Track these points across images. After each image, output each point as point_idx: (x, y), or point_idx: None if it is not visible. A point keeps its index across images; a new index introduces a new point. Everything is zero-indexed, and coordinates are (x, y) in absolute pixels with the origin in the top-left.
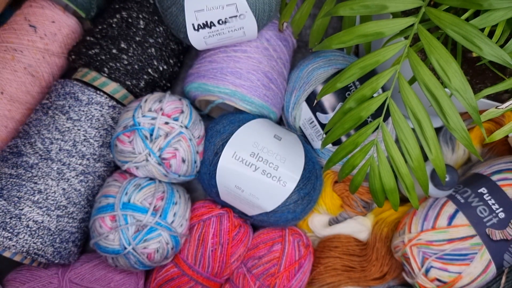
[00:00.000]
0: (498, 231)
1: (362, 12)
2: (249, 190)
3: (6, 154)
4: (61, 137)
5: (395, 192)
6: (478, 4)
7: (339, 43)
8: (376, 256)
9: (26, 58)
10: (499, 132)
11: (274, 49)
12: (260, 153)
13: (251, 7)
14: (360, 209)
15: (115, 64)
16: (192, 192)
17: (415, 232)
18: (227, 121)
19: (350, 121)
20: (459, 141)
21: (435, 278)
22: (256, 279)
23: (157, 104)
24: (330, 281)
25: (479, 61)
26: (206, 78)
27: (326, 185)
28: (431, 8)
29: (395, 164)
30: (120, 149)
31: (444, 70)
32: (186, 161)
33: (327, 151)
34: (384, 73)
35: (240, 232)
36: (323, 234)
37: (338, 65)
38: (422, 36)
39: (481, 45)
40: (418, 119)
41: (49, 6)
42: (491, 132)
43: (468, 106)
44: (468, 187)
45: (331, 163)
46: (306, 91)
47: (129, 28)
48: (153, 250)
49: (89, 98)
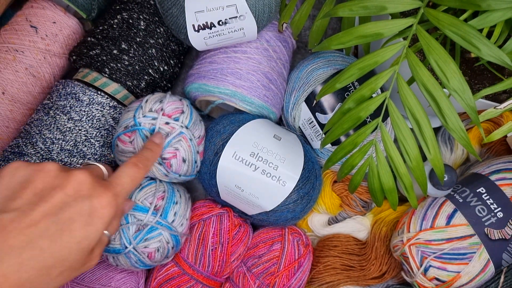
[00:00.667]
0: (496, 231)
1: (361, 13)
2: (249, 189)
3: (8, 154)
4: (62, 137)
5: (394, 192)
6: (476, 5)
7: (338, 44)
8: (375, 255)
9: (27, 58)
10: (497, 132)
11: (274, 50)
12: (260, 153)
13: (251, 8)
14: (359, 208)
15: (116, 64)
16: (192, 191)
17: (414, 232)
18: (227, 121)
19: (349, 121)
20: (458, 141)
21: (433, 277)
22: (256, 278)
23: (157, 105)
24: (329, 280)
25: (477, 61)
26: (207, 78)
27: (325, 185)
28: (429, 9)
29: (393, 164)
30: (121, 149)
31: (443, 70)
32: (186, 161)
33: (326, 151)
34: (383, 73)
35: (240, 231)
36: (322, 234)
37: (337, 66)
38: (421, 37)
39: (479, 46)
40: (416, 119)
41: (50, 7)
42: (490, 132)
43: (467, 106)
44: (466, 186)
45: (330, 163)
46: (305, 91)
47: (130, 29)
48: (153, 249)
49: (90, 99)
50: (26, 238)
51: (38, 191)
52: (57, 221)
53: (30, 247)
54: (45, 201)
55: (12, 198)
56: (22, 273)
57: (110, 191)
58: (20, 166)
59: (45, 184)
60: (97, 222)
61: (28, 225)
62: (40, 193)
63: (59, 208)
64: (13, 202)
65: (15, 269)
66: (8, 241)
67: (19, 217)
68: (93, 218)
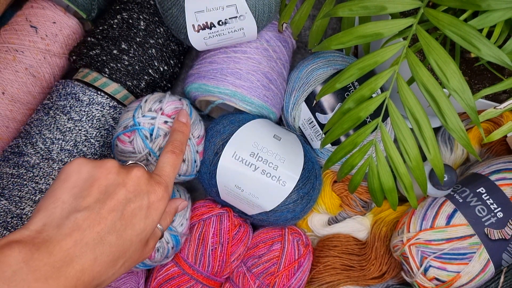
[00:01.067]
0: (496, 231)
1: (361, 13)
2: (249, 189)
3: (8, 154)
4: (62, 137)
5: (394, 192)
6: (476, 5)
7: (338, 44)
8: (375, 255)
9: (27, 58)
10: (497, 132)
11: (273, 50)
12: (260, 153)
13: (251, 8)
14: (359, 208)
15: (116, 64)
16: (192, 191)
17: (413, 232)
18: (227, 121)
19: (349, 121)
20: (458, 141)
21: (433, 277)
22: (256, 278)
23: (157, 104)
24: (329, 280)
25: (477, 61)
26: (206, 78)
27: (325, 185)
28: (429, 9)
29: (393, 164)
30: (121, 149)
31: (443, 70)
32: (186, 161)
33: (326, 151)
34: (383, 73)
35: (240, 231)
36: (322, 234)
37: (337, 66)
38: (421, 37)
39: (479, 46)
40: (416, 119)
41: (50, 7)
42: (490, 132)
43: (467, 106)
44: (466, 186)
45: (330, 163)
46: (305, 91)
47: (129, 29)
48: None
49: (90, 99)
50: (98, 235)
51: (103, 188)
52: (122, 216)
53: (101, 243)
54: (111, 198)
55: (81, 196)
56: (95, 266)
57: (162, 185)
58: (83, 162)
59: (108, 181)
60: (154, 214)
61: (99, 222)
62: (106, 190)
63: (123, 204)
64: (83, 201)
65: (90, 264)
66: (84, 239)
67: (91, 215)
68: (150, 211)
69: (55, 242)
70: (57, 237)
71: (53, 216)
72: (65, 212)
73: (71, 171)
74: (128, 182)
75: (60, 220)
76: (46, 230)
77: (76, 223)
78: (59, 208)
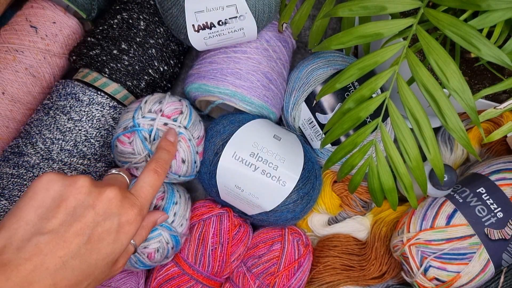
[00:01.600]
0: (496, 231)
1: (361, 13)
2: (249, 189)
3: (8, 154)
4: (62, 137)
5: (394, 192)
6: (476, 5)
7: (338, 44)
8: (375, 255)
9: (27, 58)
10: (497, 132)
11: (273, 50)
12: (260, 153)
13: (251, 8)
14: (359, 208)
15: (116, 64)
16: (192, 191)
17: (413, 232)
18: (227, 121)
19: (349, 121)
20: (458, 141)
21: (433, 277)
22: (256, 278)
23: (156, 105)
24: (329, 280)
25: (477, 61)
26: (206, 78)
27: (325, 185)
28: (429, 9)
29: (393, 164)
30: (120, 150)
31: (443, 70)
32: (186, 162)
33: (326, 151)
34: (383, 73)
35: (240, 231)
36: (322, 234)
37: (337, 66)
38: (421, 37)
39: (479, 46)
40: (416, 119)
41: (50, 7)
42: (490, 132)
43: (467, 106)
44: (466, 186)
45: (330, 163)
46: (305, 91)
47: (129, 29)
48: (153, 250)
49: (90, 99)
50: (60, 260)
51: (71, 209)
52: (88, 241)
53: (64, 268)
54: (78, 221)
55: (47, 217)
56: None
57: (136, 207)
58: (53, 179)
59: (77, 202)
60: (123, 238)
61: (62, 247)
62: (73, 212)
63: (90, 227)
64: (48, 222)
65: None
66: (44, 264)
67: (54, 239)
68: (119, 235)
69: (13, 266)
70: (16, 261)
71: (14, 237)
72: (28, 234)
73: (39, 188)
74: (98, 204)
75: (21, 243)
76: (6, 253)
77: (37, 247)
78: (22, 229)
